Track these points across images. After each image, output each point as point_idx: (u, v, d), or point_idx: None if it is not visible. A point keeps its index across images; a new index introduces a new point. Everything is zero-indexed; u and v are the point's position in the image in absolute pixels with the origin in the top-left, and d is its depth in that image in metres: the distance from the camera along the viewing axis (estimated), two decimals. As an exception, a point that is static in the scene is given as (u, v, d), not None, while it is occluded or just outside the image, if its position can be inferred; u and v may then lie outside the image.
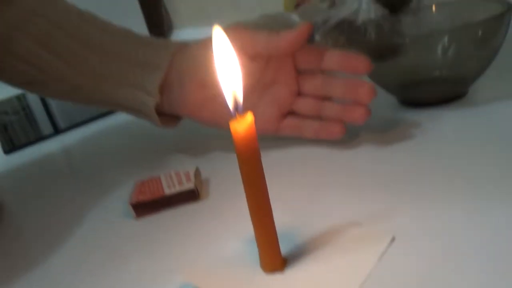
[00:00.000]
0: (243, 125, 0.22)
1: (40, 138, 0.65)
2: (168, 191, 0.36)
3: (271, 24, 0.65)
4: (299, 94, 0.40)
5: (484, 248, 0.23)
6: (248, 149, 0.23)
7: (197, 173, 0.39)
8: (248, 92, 0.30)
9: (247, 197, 0.25)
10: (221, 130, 0.42)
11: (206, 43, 0.40)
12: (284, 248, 0.26)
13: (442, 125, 0.38)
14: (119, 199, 0.40)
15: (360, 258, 0.25)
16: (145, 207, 0.36)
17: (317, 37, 0.59)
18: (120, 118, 0.60)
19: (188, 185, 0.36)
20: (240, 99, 0.23)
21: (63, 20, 0.45)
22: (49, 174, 0.53)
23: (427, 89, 0.43)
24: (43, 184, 0.50)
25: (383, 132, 0.39)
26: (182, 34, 1.41)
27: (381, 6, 0.57)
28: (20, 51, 0.44)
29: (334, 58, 0.37)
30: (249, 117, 0.23)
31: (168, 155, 0.47)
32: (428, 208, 0.28)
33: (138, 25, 1.37)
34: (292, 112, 0.40)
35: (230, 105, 0.23)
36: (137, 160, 0.48)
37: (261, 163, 0.24)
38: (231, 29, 0.38)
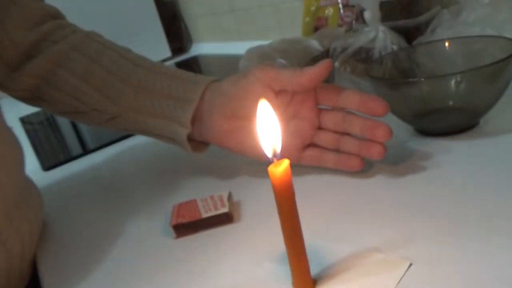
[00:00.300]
0: (280, 170, 0.26)
1: (71, 158, 0.70)
2: (204, 214, 0.40)
3: (290, 49, 0.69)
4: (320, 128, 0.44)
5: (497, 278, 0.27)
6: (284, 190, 0.27)
7: (230, 197, 0.43)
8: None
9: (282, 226, 0.28)
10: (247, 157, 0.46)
11: (234, 80, 0.45)
12: (314, 270, 0.30)
13: (455, 155, 0.41)
14: (157, 220, 0.44)
15: (380, 283, 0.28)
16: (184, 228, 0.40)
17: (336, 64, 0.62)
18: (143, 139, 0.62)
19: (223, 209, 0.40)
20: (278, 148, 0.27)
21: (101, 56, 0.50)
22: (86, 192, 0.57)
23: (441, 119, 0.46)
24: (82, 202, 0.55)
25: (399, 161, 0.43)
26: (200, 47, 1.46)
27: (397, 34, 0.61)
28: (62, 85, 0.49)
29: (354, 98, 0.40)
30: (285, 163, 0.27)
31: (201, 178, 0.51)
32: (443, 237, 0.31)
33: (159, 39, 1.43)
34: (313, 144, 0.44)
35: (269, 153, 0.27)
36: (170, 183, 0.52)
37: (294, 200, 0.28)
38: (259, 68, 0.43)
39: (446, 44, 0.49)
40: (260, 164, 0.44)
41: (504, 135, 0.42)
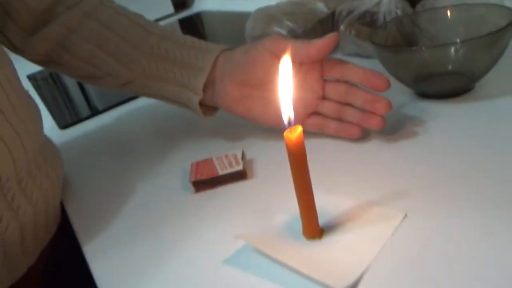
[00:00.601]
0: (294, 134, 0.30)
1: (83, 118, 0.74)
2: (221, 171, 0.44)
3: (296, 11, 0.71)
4: (324, 98, 0.47)
5: (485, 228, 0.31)
6: (298, 153, 0.31)
7: (243, 155, 0.47)
8: None
9: (295, 184, 0.33)
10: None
11: (245, 49, 0.48)
12: (321, 220, 0.35)
13: (451, 117, 0.45)
14: (176, 176, 0.48)
15: (379, 231, 0.33)
16: (203, 184, 0.45)
17: (342, 28, 0.65)
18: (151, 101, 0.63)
19: (237, 167, 0.44)
20: (292, 116, 0.31)
21: (113, 22, 0.52)
22: (104, 151, 0.61)
23: (439, 83, 0.50)
24: (101, 160, 0.59)
25: (399, 123, 0.46)
26: (204, 3, 1.46)
27: (401, -2, 0.62)
28: (77, 50, 0.52)
29: (358, 72, 0.43)
30: (299, 129, 0.30)
31: (214, 138, 0.55)
32: (435, 192, 0.36)
33: (161, -5, 1.42)
34: (317, 112, 0.47)
35: (285, 119, 0.31)
36: (186, 143, 0.56)
37: (306, 161, 0.31)
38: (270, 39, 0.46)
39: (448, 11, 0.52)
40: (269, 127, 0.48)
41: (497, 99, 0.46)
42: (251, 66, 0.46)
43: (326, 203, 0.37)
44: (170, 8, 1.44)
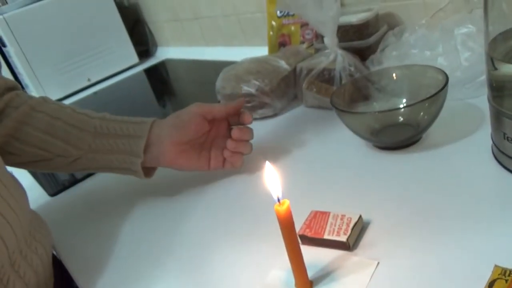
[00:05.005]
0: (283, 207, 0.37)
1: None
2: (326, 236, 0.44)
3: (261, 70, 0.79)
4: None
5: (445, 260, 0.39)
6: (287, 221, 0.37)
7: (359, 220, 0.45)
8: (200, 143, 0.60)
9: (286, 246, 0.39)
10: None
11: (177, 114, 0.60)
12: (310, 273, 0.41)
13: (405, 164, 0.54)
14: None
15: (356, 278, 0.40)
16: (308, 240, 0.45)
17: (304, 85, 0.73)
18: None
19: (343, 237, 0.43)
20: (280, 194, 0.37)
21: (59, 113, 0.61)
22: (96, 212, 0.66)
23: (392, 134, 0.58)
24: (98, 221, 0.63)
25: (360, 170, 0.54)
26: (166, 52, 1.52)
27: (352, 55, 0.72)
28: (28, 138, 0.59)
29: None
30: (286, 202, 0.37)
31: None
32: (398, 236, 0.43)
33: (126, 46, 1.47)
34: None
35: (275, 196, 0.37)
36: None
37: (294, 228, 0.38)
38: (196, 105, 0.60)
39: (393, 73, 0.61)
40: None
41: (441, 147, 0.55)
42: (185, 127, 0.59)
43: (314, 256, 0.43)
44: (135, 58, 1.50)
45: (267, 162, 0.38)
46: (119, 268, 0.52)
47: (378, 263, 0.41)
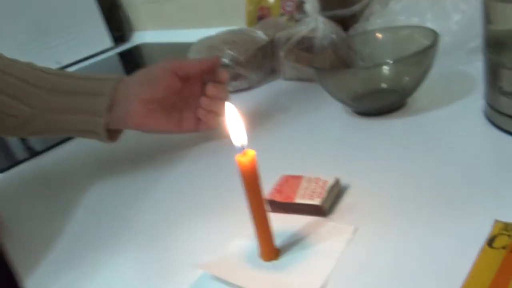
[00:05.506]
0: (247, 158, 0.31)
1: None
2: (298, 199, 0.39)
3: (237, 40, 0.73)
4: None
5: (426, 226, 0.33)
6: (251, 175, 0.31)
7: (336, 184, 0.39)
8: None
9: (249, 206, 0.33)
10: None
11: (145, 71, 0.54)
12: (278, 240, 0.35)
13: (388, 130, 0.48)
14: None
15: (331, 245, 0.34)
16: (276, 207, 0.40)
17: (281, 53, 0.67)
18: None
19: (316, 200, 0.38)
20: (245, 142, 0.31)
21: (12, 68, 0.53)
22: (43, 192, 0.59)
23: (375, 100, 0.53)
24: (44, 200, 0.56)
25: (341, 139, 0.49)
26: (143, 36, 1.45)
27: (335, 24, 0.66)
28: None
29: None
30: (251, 152, 0.31)
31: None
32: (381, 203, 0.37)
33: (99, 29, 1.40)
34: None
35: (238, 145, 0.31)
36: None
37: (260, 184, 0.32)
38: (166, 60, 0.53)
39: (378, 34, 0.56)
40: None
41: (427, 112, 0.49)
42: (154, 84, 0.53)
43: (282, 223, 0.38)
44: (109, 42, 1.43)
45: (227, 103, 0.32)
46: (71, 245, 0.45)
47: (356, 228, 0.35)
